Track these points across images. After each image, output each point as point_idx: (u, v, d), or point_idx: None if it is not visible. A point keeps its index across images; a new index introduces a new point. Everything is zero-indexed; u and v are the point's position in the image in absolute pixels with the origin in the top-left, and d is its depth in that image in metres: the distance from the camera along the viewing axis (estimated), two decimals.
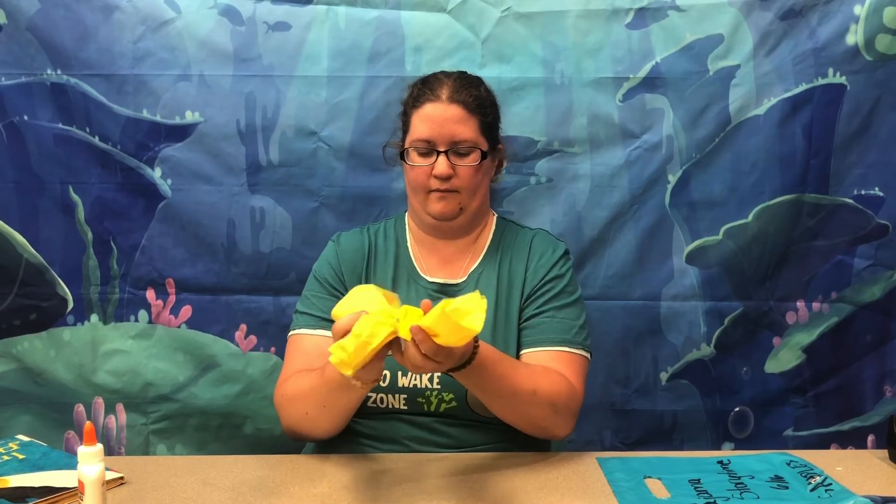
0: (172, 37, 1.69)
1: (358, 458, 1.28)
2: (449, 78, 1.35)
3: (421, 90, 1.35)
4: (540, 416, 1.25)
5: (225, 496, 1.13)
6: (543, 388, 1.23)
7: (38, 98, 1.69)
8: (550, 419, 1.26)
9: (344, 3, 1.71)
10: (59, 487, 1.12)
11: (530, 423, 1.27)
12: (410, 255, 1.41)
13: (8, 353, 1.74)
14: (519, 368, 1.25)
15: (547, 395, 1.23)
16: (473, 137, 1.32)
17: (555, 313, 1.34)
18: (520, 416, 1.25)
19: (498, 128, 1.42)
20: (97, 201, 1.73)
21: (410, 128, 1.35)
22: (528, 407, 1.23)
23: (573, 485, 1.18)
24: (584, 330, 1.35)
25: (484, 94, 1.37)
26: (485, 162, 1.35)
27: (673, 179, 1.74)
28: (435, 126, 1.31)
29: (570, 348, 1.31)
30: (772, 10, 1.69)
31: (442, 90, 1.32)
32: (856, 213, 1.75)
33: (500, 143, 1.43)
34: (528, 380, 1.23)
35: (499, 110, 1.42)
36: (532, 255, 1.39)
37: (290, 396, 1.28)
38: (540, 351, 1.31)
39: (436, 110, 1.31)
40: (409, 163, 1.34)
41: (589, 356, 1.35)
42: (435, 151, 1.31)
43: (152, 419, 1.76)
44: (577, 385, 1.30)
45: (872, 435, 1.79)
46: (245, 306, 1.76)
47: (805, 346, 1.78)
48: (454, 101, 1.31)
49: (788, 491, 1.14)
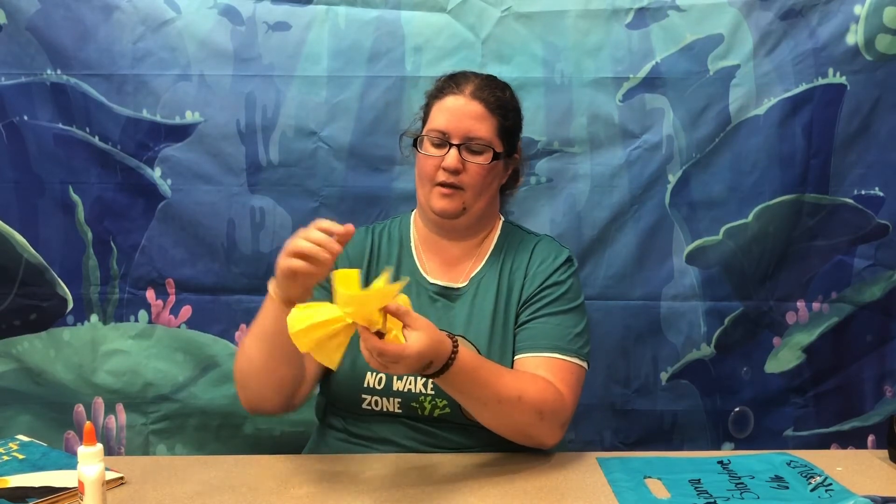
0: (172, 37, 1.69)
1: (357, 458, 1.28)
2: (477, 77, 1.35)
3: (446, 83, 1.34)
4: (525, 422, 1.22)
5: (225, 496, 1.13)
6: (529, 394, 1.20)
7: (38, 98, 1.69)
8: (536, 426, 1.23)
9: (344, 3, 1.71)
10: (59, 487, 1.12)
11: (516, 430, 1.24)
12: (413, 255, 1.40)
13: (8, 353, 1.74)
14: (503, 374, 1.22)
15: (532, 402, 1.20)
16: (489, 137, 1.31)
17: (548, 319, 1.31)
18: (505, 423, 1.23)
19: (518, 136, 1.39)
20: (97, 201, 1.73)
21: (429, 118, 1.34)
22: (513, 413, 1.20)
23: (573, 485, 1.17)
24: (581, 338, 1.31)
25: (508, 97, 1.36)
26: (496, 164, 1.33)
27: (673, 179, 1.74)
28: (452, 119, 1.30)
29: (563, 355, 1.27)
30: (772, 10, 1.69)
31: (466, 86, 1.32)
32: (856, 213, 1.75)
33: (518, 153, 1.40)
34: (513, 385, 1.20)
35: (522, 119, 1.40)
36: (533, 260, 1.37)
37: (235, 366, 1.29)
38: (530, 357, 1.28)
39: (456, 103, 1.31)
40: (421, 151, 1.33)
41: (585, 365, 1.31)
42: (448, 144, 1.30)
43: (152, 419, 1.76)
44: (567, 393, 1.25)
45: (872, 435, 1.79)
46: (245, 306, 1.75)
47: (805, 346, 1.78)
48: (476, 98, 1.31)
49: (788, 491, 1.14)
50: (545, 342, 1.29)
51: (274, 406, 1.29)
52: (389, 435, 1.31)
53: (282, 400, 1.28)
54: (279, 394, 1.27)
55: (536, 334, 1.30)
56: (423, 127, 1.36)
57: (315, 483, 1.18)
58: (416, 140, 1.35)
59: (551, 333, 1.30)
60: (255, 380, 1.26)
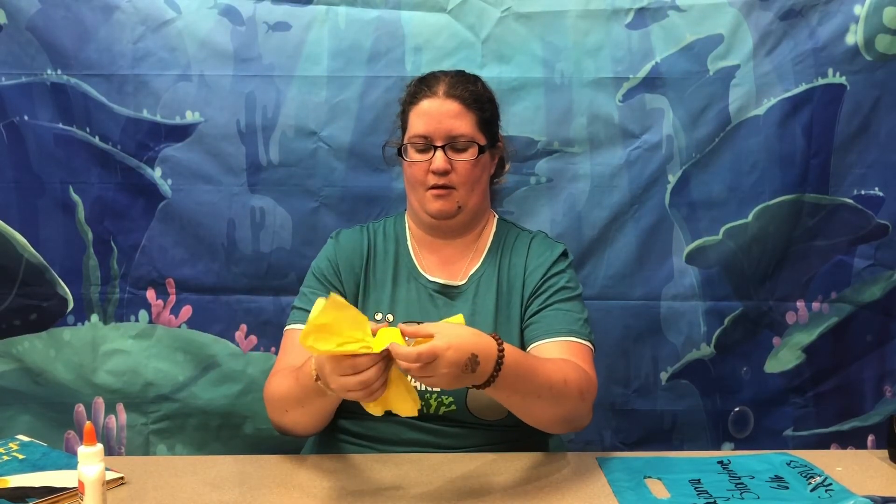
0: (172, 37, 1.69)
1: (358, 457, 1.28)
2: (446, 75, 1.35)
3: (418, 87, 1.35)
4: (572, 406, 1.21)
5: (225, 496, 1.13)
6: (572, 377, 1.20)
7: (38, 98, 1.69)
8: (580, 408, 1.23)
9: (344, 3, 1.71)
10: (59, 487, 1.12)
11: (564, 416, 1.22)
12: (411, 253, 1.41)
13: (8, 353, 1.74)
14: (544, 361, 1.21)
15: (575, 384, 1.19)
16: (471, 132, 1.32)
17: (560, 306, 1.32)
18: (555, 412, 1.21)
19: (497, 125, 1.41)
20: (97, 201, 1.73)
21: (408, 125, 1.35)
22: (562, 399, 1.18)
23: (573, 485, 1.17)
24: (588, 324, 1.34)
25: (481, 89, 1.37)
26: (483, 157, 1.34)
27: (673, 179, 1.74)
28: (432, 121, 1.31)
29: (578, 339, 1.29)
30: (772, 10, 1.69)
31: (439, 86, 1.32)
32: (856, 213, 1.75)
33: (500, 141, 1.42)
34: (558, 371, 1.19)
35: (497, 107, 1.41)
36: (531, 256, 1.38)
37: (271, 393, 1.29)
38: (549, 342, 1.28)
39: (432, 106, 1.31)
40: (407, 159, 1.34)
41: (593, 347, 1.33)
42: (432, 147, 1.31)
43: (152, 419, 1.76)
44: (592, 373, 1.26)
45: (872, 435, 1.79)
46: (245, 306, 1.76)
47: (805, 346, 1.78)
48: (451, 97, 1.31)
49: (788, 491, 1.14)
50: (560, 327, 1.30)
51: (306, 431, 1.33)
52: (391, 435, 1.31)
53: (318, 426, 1.31)
54: (317, 425, 1.31)
55: (551, 321, 1.31)
56: (402, 135, 1.37)
57: (315, 483, 1.18)
58: (399, 149, 1.35)
59: (564, 318, 1.31)
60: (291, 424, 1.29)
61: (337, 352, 1.01)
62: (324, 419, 1.28)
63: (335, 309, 1.01)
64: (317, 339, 1.01)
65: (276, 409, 1.28)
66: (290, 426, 1.30)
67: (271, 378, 1.31)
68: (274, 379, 1.30)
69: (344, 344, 1.01)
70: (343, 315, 1.02)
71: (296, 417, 1.26)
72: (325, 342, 1.01)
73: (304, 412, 1.25)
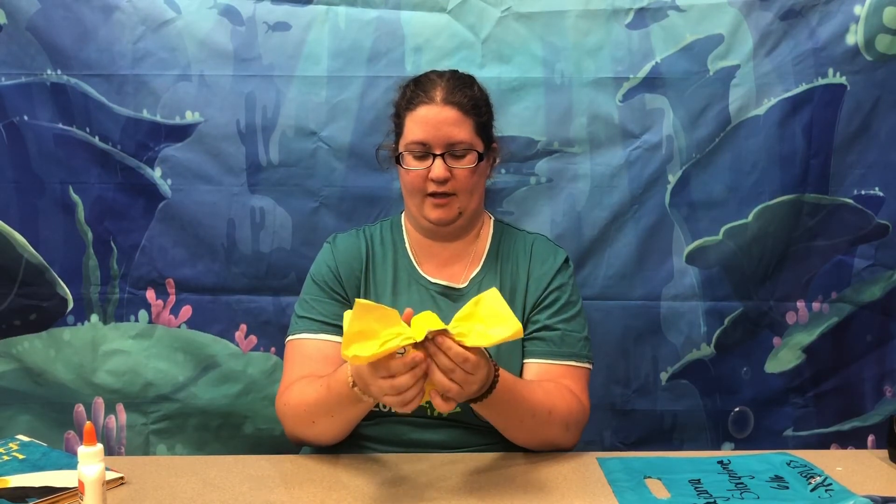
0: (172, 37, 1.69)
1: (358, 458, 1.28)
2: (441, 78, 1.33)
3: (414, 92, 1.33)
4: (554, 434, 1.27)
5: (225, 496, 1.13)
6: (559, 407, 1.25)
7: (38, 98, 1.69)
8: (562, 437, 1.28)
9: (344, 3, 1.71)
10: (59, 487, 1.12)
11: (543, 442, 1.28)
12: (410, 256, 1.40)
13: (8, 353, 1.74)
14: (534, 389, 1.25)
15: (561, 415, 1.25)
16: (469, 139, 1.31)
17: (564, 326, 1.35)
18: (534, 438, 1.27)
19: (492, 126, 1.41)
20: (97, 201, 1.73)
21: (404, 131, 1.33)
22: (544, 429, 1.25)
23: (573, 485, 1.17)
24: (588, 341, 1.37)
25: (478, 93, 1.36)
26: (481, 163, 1.34)
27: (673, 179, 1.74)
28: (430, 129, 1.29)
29: (577, 362, 1.34)
30: (772, 10, 1.69)
31: (436, 92, 1.31)
32: (856, 213, 1.75)
33: (495, 142, 1.42)
34: (545, 401, 1.24)
35: (492, 108, 1.41)
36: (533, 261, 1.38)
37: (294, 405, 1.27)
38: (550, 364, 1.32)
39: (430, 113, 1.30)
40: (404, 166, 1.33)
41: (591, 366, 1.38)
42: (431, 154, 1.30)
43: (152, 419, 1.76)
44: (585, 400, 1.33)
45: (872, 435, 1.79)
46: (245, 306, 1.76)
47: (805, 346, 1.78)
48: (449, 104, 1.30)
49: (788, 491, 1.14)
50: (564, 350, 1.34)
51: (330, 441, 1.30)
52: (393, 435, 1.31)
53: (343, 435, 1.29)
54: (343, 434, 1.28)
55: (555, 342, 1.34)
56: (396, 139, 1.36)
57: (315, 483, 1.18)
58: (396, 156, 1.35)
59: (567, 341, 1.34)
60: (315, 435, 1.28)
61: (383, 352, 1.00)
62: (351, 427, 1.27)
63: (365, 312, 1.00)
64: (359, 348, 1.00)
65: (302, 420, 1.26)
66: (314, 436, 1.28)
67: (288, 390, 1.29)
68: (294, 390, 1.28)
69: (386, 343, 1.00)
70: (374, 316, 1.01)
71: (324, 427, 1.25)
72: (368, 348, 1.00)
73: (334, 421, 1.23)
